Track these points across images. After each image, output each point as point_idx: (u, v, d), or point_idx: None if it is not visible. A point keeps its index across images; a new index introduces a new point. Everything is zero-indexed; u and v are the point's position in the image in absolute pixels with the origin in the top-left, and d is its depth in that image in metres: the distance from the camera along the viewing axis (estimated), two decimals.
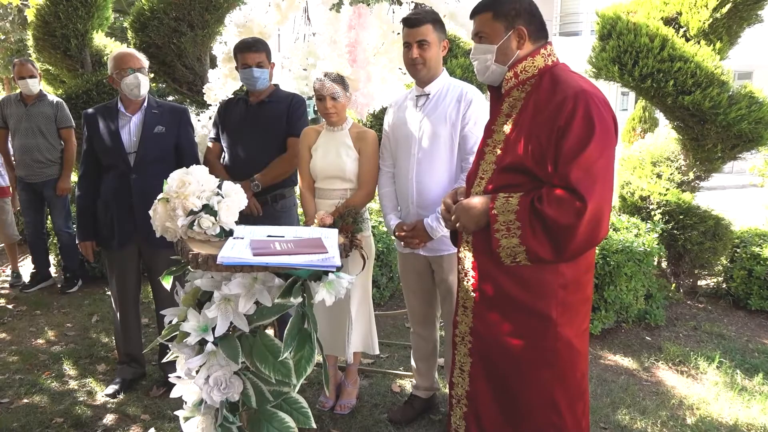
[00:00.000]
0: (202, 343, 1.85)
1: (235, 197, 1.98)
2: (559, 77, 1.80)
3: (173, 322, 1.91)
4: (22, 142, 4.65)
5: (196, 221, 1.91)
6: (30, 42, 5.99)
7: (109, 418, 2.89)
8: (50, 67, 6.34)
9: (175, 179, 1.96)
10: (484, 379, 1.94)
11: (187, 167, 2.04)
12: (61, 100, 4.83)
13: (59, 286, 4.94)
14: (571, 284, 1.81)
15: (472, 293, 1.94)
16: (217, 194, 1.96)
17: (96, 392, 3.15)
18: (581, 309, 1.88)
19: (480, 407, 1.95)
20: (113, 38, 6.71)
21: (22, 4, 6.29)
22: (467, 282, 1.97)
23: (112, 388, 3.11)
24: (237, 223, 2.10)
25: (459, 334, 2.01)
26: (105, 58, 5.87)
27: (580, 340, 1.88)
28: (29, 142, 4.63)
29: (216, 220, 1.92)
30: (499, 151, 1.88)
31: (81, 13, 5.62)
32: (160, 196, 1.99)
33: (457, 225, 1.93)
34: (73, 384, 3.24)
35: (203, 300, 1.91)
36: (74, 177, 5.67)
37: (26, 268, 5.41)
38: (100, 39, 6.02)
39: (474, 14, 1.93)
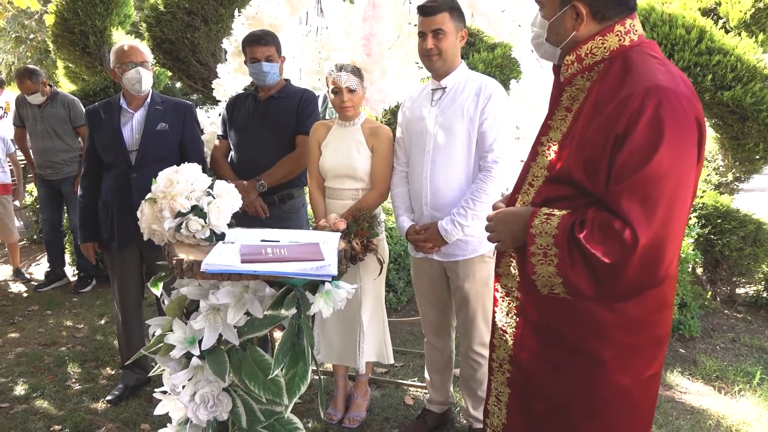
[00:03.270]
0: (189, 356, 1.70)
1: (227, 198, 1.82)
2: (633, 65, 1.39)
3: (157, 333, 1.76)
4: (39, 144, 4.64)
5: (184, 224, 1.76)
6: (49, 39, 5.96)
7: (107, 427, 2.78)
8: (71, 65, 6.31)
9: (163, 178, 1.81)
10: (519, 417, 1.65)
11: None
12: (74, 98, 4.77)
13: (73, 285, 4.88)
14: (635, 324, 1.45)
15: (515, 316, 1.63)
16: (208, 194, 1.81)
17: (98, 398, 3.04)
18: (646, 353, 1.49)
19: None
20: (134, 35, 6.65)
21: (42, 9, 6.28)
22: (510, 303, 1.65)
23: (113, 395, 3.00)
24: (234, 225, 1.95)
25: (496, 359, 1.71)
26: None
27: (642, 390, 1.51)
28: (45, 145, 4.60)
29: (206, 223, 1.77)
30: (552, 154, 1.52)
31: (99, 10, 5.56)
32: (148, 196, 1.85)
33: (492, 236, 1.62)
34: (75, 389, 3.14)
35: (191, 309, 1.76)
36: None
37: (43, 266, 5.37)
38: (119, 36, 5.95)
39: None
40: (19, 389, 3.13)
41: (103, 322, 4.12)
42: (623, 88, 1.36)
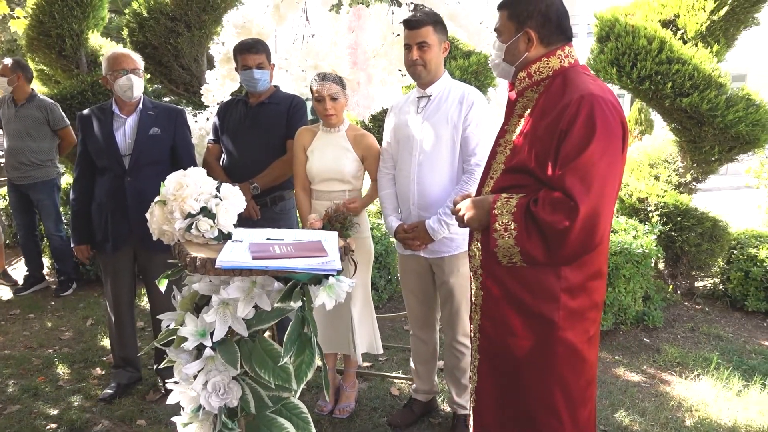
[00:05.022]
0: (200, 348, 1.82)
1: (233, 200, 1.95)
2: (571, 80, 1.77)
3: (170, 327, 1.87)
4: (11, 143, 4.64)
5: (194, 224, 1.88)
6: (23, 42, 5.93)
7: (104, 424, 2.86)
8: (45, 68, 6.28)
9: (172, 181, 1.93)
10: (489, 377, 1.93)
11: (184, 169, 2.02)
12: (53, 102, 4.78)
13: (53, 288, 4.90)
14: (576, 289, 1.78)
15: (481, 291, 1.93)
16: (216, 197, 1.94)
17: (91, 397, 3.11)
18: (588, 315, 1.83)
19: (484, 404, 1.95)
20: (109, 38, 6.65)
21: (9, 14, 6.22)
22: (477, 280, 1.96)
23: (107, 393, 3.08)
24: (235, 226, 2.08)
25: (472, 330, 2.02)
26: (100, 58, 5.81)
27: (586, 347, 1.84)
28: (17, 144, 4.61)
29: (214, 223, 1.89)
30: (508, 152, 1.88)
31: (76, 13, 5.55)
32: (157, 198, 1.96)
33: (465, 222, 1.93)
34: (67, 389, 3.20)
35: (201, 304, 1.88)
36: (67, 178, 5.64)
37: (20, 270, 5.36)
38: (95, 39, 5.96)
39: (497, 9, 1.93)
40: (11, 390, 3.18)
41: (88, 324, 4.17)
42: (564, 97, 1.73)
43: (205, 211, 1.90)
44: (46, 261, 5.18)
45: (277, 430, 1.80)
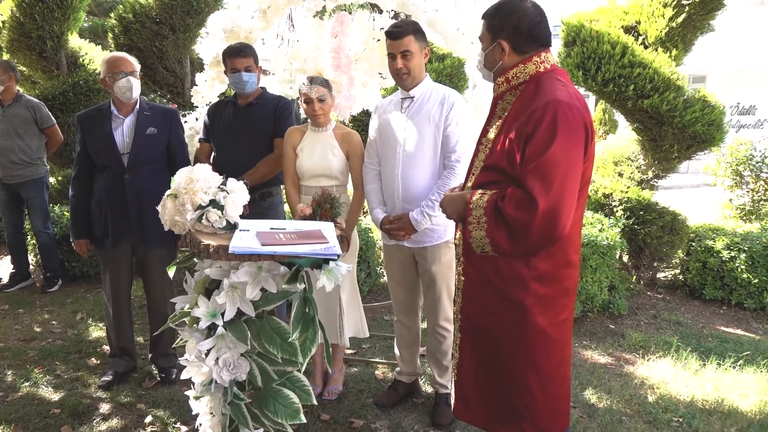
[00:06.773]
0: (212, 327, 2.00)
1: (239, 193, 2.13)
2: (542, 86, 1.90)
3: (185, 308, 2.05)
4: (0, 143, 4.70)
5: (204, 215, 2.06)
6: (3, 43, 5.96)
7: (105, 408, 3.00)
8: (23, 68, 6.31)
9: (183, 176, 2.10)
10: (469, 355, 2.13)
11: (179, 167, 2.20)
12: (38, 101, 4.87)
13: (39, 285, 4.98)
14: (546, 278, 1.94)
15: (462, 277, 2.13)
16: (222, 190, 2.12)
17: (90, 385, 3.24)
18: (559, 301, 2.00)
19: (464, 379, 2.15)
20: (87, 40, 6.70)
21: None
22: (459, 266, 2.15)
23: (105, 380, 3.21)
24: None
25: (455, 312, 2.21)
26: (81, 59, 5.91)
27: (557, 330, 2.00)
28: (5, 144, 4.68)
29: (222, 214, 2.07)
30: (488, 150, 2.06)
31: (57, 15, 5.62)
32: (169, 192, 2.14)
33: (447, 214, 2.12)
34: (65, 377, 3.33)
35: (211, 288, 2.06)
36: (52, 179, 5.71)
37: (5, 267, 5.41)
38: (75, 41, 6.03)
39: (481, 17, 2.08)
40: (10, 379, 3.29)
41: (78, 318, 4.27)
42: (533, 102, 1.87)
43: (214, 203, 2.08)
44: (31, 258, 5.23)
45: (282, 400, 1.99)
